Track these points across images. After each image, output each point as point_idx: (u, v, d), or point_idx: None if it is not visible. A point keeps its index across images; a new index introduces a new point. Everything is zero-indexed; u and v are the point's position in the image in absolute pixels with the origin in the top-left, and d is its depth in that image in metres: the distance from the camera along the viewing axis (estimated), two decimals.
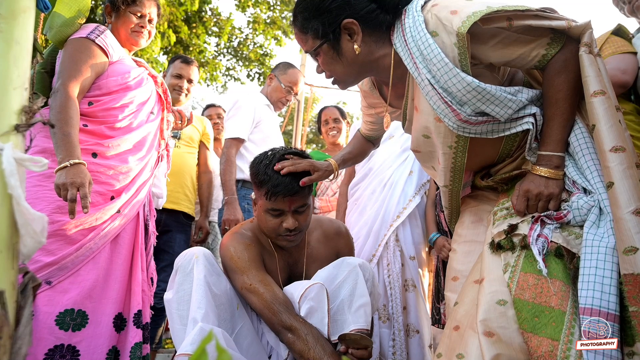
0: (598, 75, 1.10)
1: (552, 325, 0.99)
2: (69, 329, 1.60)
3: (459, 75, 1.08)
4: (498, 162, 1.31)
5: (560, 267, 1.06)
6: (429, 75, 1.12)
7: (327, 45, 1.24)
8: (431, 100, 1.15)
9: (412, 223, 2.49)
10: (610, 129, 1.06)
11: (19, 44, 0.74)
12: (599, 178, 1.09)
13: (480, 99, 1.10)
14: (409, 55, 1.15)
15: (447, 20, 1.09)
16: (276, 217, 1.56)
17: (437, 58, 1.08)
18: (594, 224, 1.06)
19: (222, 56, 9.32)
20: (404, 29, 1.16)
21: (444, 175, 1.31)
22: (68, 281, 1.63)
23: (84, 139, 1.72)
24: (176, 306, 1.50)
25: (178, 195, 2.72)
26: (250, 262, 1.57)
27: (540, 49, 1.13)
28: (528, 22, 1.09)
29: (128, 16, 1.94)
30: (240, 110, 2.61)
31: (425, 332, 2.37)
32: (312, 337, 1.39)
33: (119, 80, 1.83)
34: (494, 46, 1.12)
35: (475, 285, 1.18)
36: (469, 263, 1.33)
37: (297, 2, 1.28)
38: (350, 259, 1.63)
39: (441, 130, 1.20)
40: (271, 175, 1.52)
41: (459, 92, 1.10)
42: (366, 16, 1.20)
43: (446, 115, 1.15)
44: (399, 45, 1.18)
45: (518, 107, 1.13)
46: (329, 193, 3.08)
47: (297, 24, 1.29)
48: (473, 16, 1.05)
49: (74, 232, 1.63)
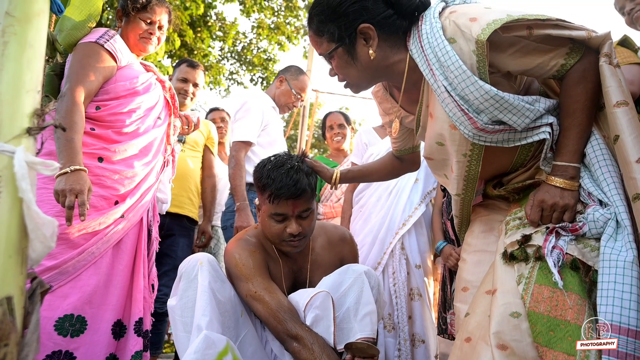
0: (620, 86, 1.09)
1: (569, 340, 0.97)
2: (68, 335, 1.58)
3: (477, 83, 1.06)
4: (511, 171, 1.29)
5: (576, 280, 1.04)
6: (446, 82, 1.10)
7: (342, 49, 1.23)
8: (447, 107, 1.14)
9: (417, 231, 2.48)
10: (636, 140, 1.05)
11: (32, 47, 0.74)
12: (616, 190, 1.07)
13: (498, 108, 1.09)
14: (425, 62, 1.14)
15: (466, 27, 1.07)
16: (280, 223, 1.55)
17: (455, 65, 1.07)
18: (611, 237, 1.04)
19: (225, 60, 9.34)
20: (421, 34, 1.15)
21: (456, 183, 1.29)
22: (68, 286, 1.62)
23: (91, 142, 1.72)
24: (180, 313, 1.48)
25: (182, 199, 2.71)
26: (255, 269, 1.55)
27: (559, 58, 1.12)
28: (548, 32, 1.08)
29: (137, 22, 1.93)
30: (249, 113, 2.53)
31: (431, 342, 2.35)
32: (318, 346, 1.37)
33: (127, 85, 1.82)
34: (512, 54, 1.11)
35: (487, 296, 1.16)
36: (479, 273, 1.31)
37: (314, 4, 1.27)
38: (355, 266, 1.61)
39: (456, 138, 1.18)
40: (274, 178, 1.52)
41: (476, 100, 1.09)
42: (383, 21, 1.19)
43: (462, 123, 1.13)
44: (414, 51, 1.17)
45: (535, 116, 1.12)
46: (333, 199, 3.07)
47: (312, 27, 1.27)
48: (493, 24, 1.04)
49: (76, 236, 1.62)
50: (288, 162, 1.58)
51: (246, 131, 2.49)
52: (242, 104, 2.57)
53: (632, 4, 1.74)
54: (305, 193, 1.53)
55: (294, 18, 8.69)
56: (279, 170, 1.54)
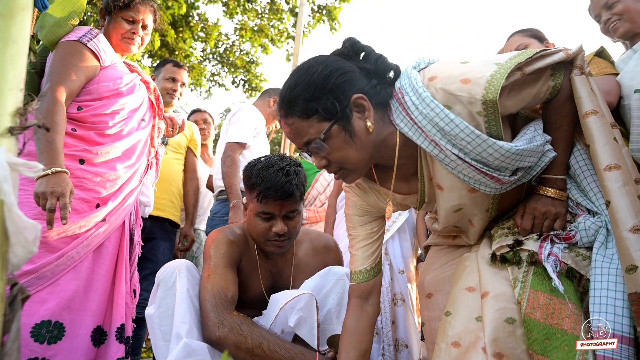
0: (590, 95, 1.12)
1: (565, 349, 0.98)
2: (45, 342, 1.53)
3: (495, 144, 1.02)
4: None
5: (571, 288, 1.05)
6: (456, 150, 1.04)
7: (338, 127, 1.07)
8: (461, 174, 1.09)
9: (401, 237, 2.50)
10: (604, 148, 1.07)
11: (15, 43, 0.71)
12: (603, 199, 1.10)
13: (517, 159, 1.06)
14: (421, 134, 1.07)
15: (462, 91, 1.02)
16: (266, 221, 1.55)
17: (466, 132, 1.01)
18: (602, 244, 1.06)
19: (207, 61, 9.26)
20: (407, 107, 1.07)
21: (475, 235, 1.28)
22: (47, 291, 1.56)
23: (72, 143, 1.67)
24: (158, 322, 1.46)
25: (164, 202, 2.66)
26: (223, 257, 1.55)
27: (548, 81, 1.13)
28: (536, 66, 1.08)
29: (120, 22, 1.89)
30: (246, 117, 2.76)
31: (414, 347, 2.37)
32: (246, 325, 1.37)
33: (110, 85, 1.78)
34: (508, 96, 1.07)
35: (469, 294, 1.15)
36: (443, 275, 1.32)
37: (290, 88, 1.10)
38: (336, 269, 1.62)
39: (477, 199, 1.16)
40: (264, 178, 1.52)
41: (496, 160, 1.04)
42: (372, 91, 1.09)
43: (483, 184, 1.09)
44: (403, 125, 1.09)
45: (544, 149, 1.12)
46: (317, 203, 3.07)
47: (295, 112, 1.09)
48: (494, 80, 1.01)
49: (55, 239, 1.57)
50: (278, 163, 1.57)
51: (242, 133, 2.69)
52: (239, 109, 2.82)
53: (608, 13, 1.77)
54: (293, 195, 1.53)
55: (278, 21, 8.67)
56: (268, 171, 1.54)
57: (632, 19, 1.72)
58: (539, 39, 1.98)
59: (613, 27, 1.77)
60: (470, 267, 1.21)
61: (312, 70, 1.09)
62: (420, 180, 1.21)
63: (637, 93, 1.48)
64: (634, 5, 1.73)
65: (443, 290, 1.34)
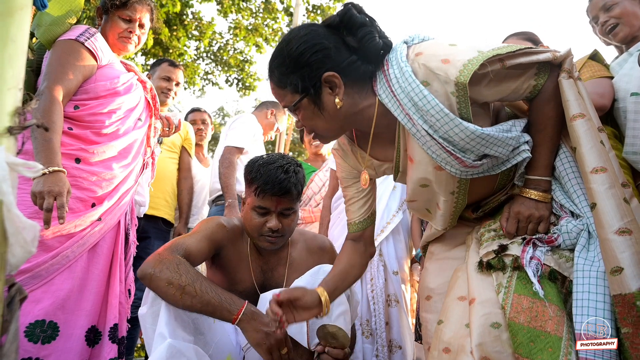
0: (577, 98, 1.13)
1: (549, 351, 0.99)
2: (38, 342, 1.53)
3: (461, 124, 1.05)
4: (492, 195, 1.30)
5: (554, 290, 1.07)
6: (426, 126, 1.08)
7: (307, 100, 1.17)
8: (429, 150, 1.12)
9: (395, 238, 2.50)
10: (591, 151, 1.09)
11: (14, 43, 0.71)
12: (586, 202, 1.11)
13: (484, 144, 1.08)
14: (398, 106, 1.12)
15: (440, 70, 1.06)
16: (261, 216, 1.57)
17: (436, 109, 1.05)
18: (584, 247, 1.07)
19: (201, 60, 9.22)
20: (389, 79, 1.12)
21: (443, 219, 1.29)
22: (41, 290, 1.56)
23: (68, 142, 1.66)
24: (151, 321, 1.44)
25: (158, 201, 2.66)
26: (206, 231, 1.57)
27: (530, 80, 1.15)
28: (519, 61, 1.10)
29: (116, 21, 1.89)
30: (246, 125, 2.97)
31: (408, 348, 2.37)
32: (184, 265, 1.36)
33: (107, 85, 1.78)
34: (487, 85, 1.10)
35: (460, 303, 1.17)
36: (441, 279, 1.33)
37: (273, 56, 1.20)
38: (326, 267, 1.61)
39: (442, 178, 1.17)
40: (263, 173, 1.55)
41: (461, 141, 1.07)
42: (347, 68, 1.14)
43: (448, 163, 1.12)
44: (384, 96, 1.14)
45: (518, 143, 1.14)
46: (312, 204, 3.07)
47: (274, 79, 1.20)
48: (470, 65, 1.03)
49: (50, 238, 1.56)
50: (279, 161, 1.60)
51: (241, 138, 2.86)
52: (240, 115, 3.04)
53: (606, 15, 1.79)
54: (290, 192, 1.55)
55: (272, 20, 8.66)
56: (268, 167, 1.56)
57: (629, 22, 1.74)
58: (533, 42, 1.99)
59: (613, 32, 1.78)
60: (462, 278, 1.23)
61: (290, 45, 1.16)
62: (397, 149, 1.25)
63: (634, 96, 1.50)
64: (631, 9, 1.75)
65: (442, 294, 1.35)
